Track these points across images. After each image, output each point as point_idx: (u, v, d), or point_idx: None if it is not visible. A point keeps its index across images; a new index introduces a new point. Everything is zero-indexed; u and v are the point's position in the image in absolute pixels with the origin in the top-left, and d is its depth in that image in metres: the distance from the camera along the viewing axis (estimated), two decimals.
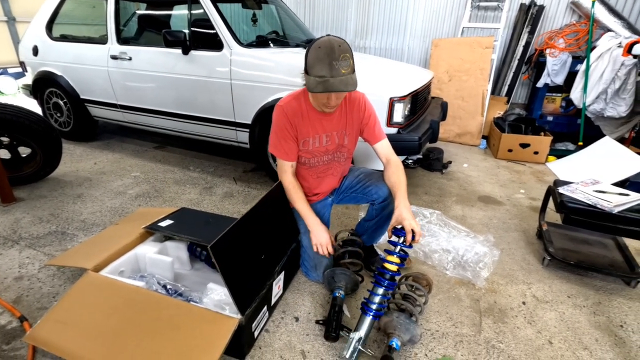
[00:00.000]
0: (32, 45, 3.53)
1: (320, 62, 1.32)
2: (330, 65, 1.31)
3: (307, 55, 1.38)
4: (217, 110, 2.76)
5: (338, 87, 1.33)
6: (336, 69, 1.32)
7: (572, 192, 1.86)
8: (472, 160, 3.58)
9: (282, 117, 1.55)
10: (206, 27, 2.65)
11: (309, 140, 1.60)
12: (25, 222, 2.17)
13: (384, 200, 1.63)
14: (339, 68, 1.32)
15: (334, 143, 1.64)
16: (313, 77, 1.35)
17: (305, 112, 1.56)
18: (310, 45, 1.38)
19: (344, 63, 1.33)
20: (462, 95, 4.01)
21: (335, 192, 1.83)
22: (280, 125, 1.56)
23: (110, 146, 3.63)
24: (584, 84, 3.58)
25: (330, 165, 1.71)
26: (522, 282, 1.82)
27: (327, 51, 1.32)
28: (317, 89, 1.35)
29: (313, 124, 1.58)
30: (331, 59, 1.31)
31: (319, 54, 1.33)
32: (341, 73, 1.33)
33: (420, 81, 2.66)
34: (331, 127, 1.61)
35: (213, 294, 1.40)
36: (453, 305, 1.65)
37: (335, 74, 1.32)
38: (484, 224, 2.36)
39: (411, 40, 4.79)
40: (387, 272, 1.39)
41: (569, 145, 3.79)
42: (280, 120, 1.55)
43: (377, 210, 1.67)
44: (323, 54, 1.32)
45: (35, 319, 1.45)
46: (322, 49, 1.33)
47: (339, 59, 1.32)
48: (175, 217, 1.85)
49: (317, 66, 1.34)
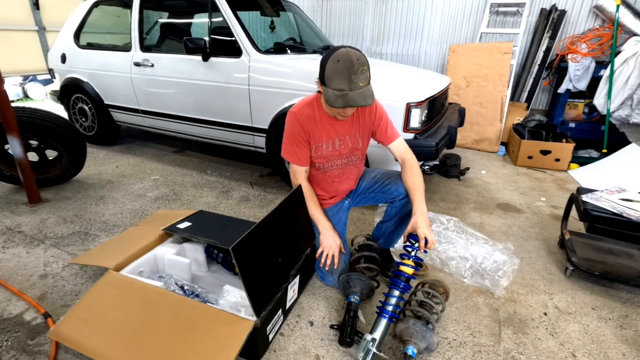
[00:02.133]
0: (61, 53, 3.68)
1: (339, 75, 1.33)
2: (350, 79, 1.32)
3: (325, 66, 1.38)
4: (235, 115, 2.81)
5: (358, 101, 1.33)
6: (355, 83, 1.32)
7: (597, 200, 1.81)
8: (490, 167, 3.51)
9: (296, 123, 1.56)
10: (226, 34, 2.71)
11: (322, 145, 1.61)
12: (51, 222, 2.25)
13: (404, 197, 1.63)
14: (357, 81, 1.32)
15: (347, 147, 1.65)
16: (332, 90, 1.36)
17: (318, 118, 1.57)
18: (327, 56, 1.37)
19: (362, 76, 1.33)
20: (480, 101, 3.96)
21: (352, 195, 1.83)
22: (294, 132, 1.57)
23: (131, 150, 3.73)
24: (609, 90, 3.48)
25: (345, 169, 1.71)
26: (543, 292, 1.76)
27: (347, 65, 1.31)
28: (337, 104, 1.35)
29: (326, 129, 1.59)
30: (350, 73, 1.31)
31: (337, 67, 1.33)
32: (359, 86, 1.33)
33: (438, 87, 2.64)
34: (344, 131, 1.62)
35: (229, 295, 1.41)
36: (471, 314, 1.61)
37: (354, 88, 1.33)
38: (503, 232, 2.31)
39: (428, 46, 4.77)
40: (402, 274, 1.41)
41: (592, 153, 3.68)
42: (294, 126, 1.56)
43: (397, 208, 1.67)
44: (342, 67, 1.32)
45: (58, 316, 1.50)
46: (340, 62, 1.32)
47: (357, 73, 1.32)
48: (193, 220, 1.88)
49: (336, 79, 1.34)
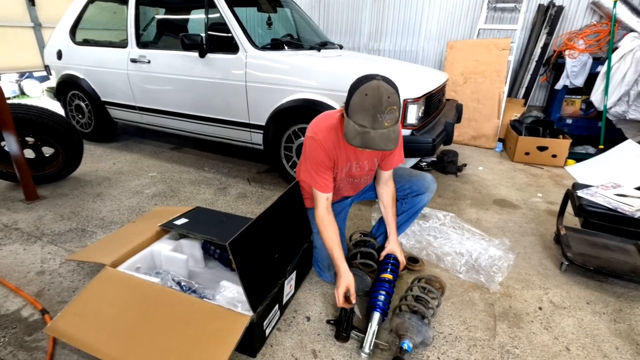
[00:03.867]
0: (57, 50, 3.66)
1: (364, 111, 1.22)
2: (374, 117, 1.21)
3: (351, 95, 1.26)
4: (232, 112, 2.81)
5: (378, 143, 1.23)
6: (379, 122, 1.21)
7: (592, 196, 1.82)
8: (487, 163, 3.52)
9: (320, 150, 1.46)
10: (222, 30, 2.70)
11: (342, 169, 1.56)
12: (48, 219, 2.25)
13: (418, 194, 1.68)
14: (382, 121, 1.21)
15: (363, 170, 1.62)
16: (353, 123, 1.25)
17: (342, 144, 1.48)
18: (357, 85, 1.26)
19: (389, 116, 1.22)
20: (477, 98, 3.96)
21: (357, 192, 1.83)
22: (318, 159, 1.47)
23: (128, 147, 3.73)
24: (605, 86, 3.48)
25: (355, 185, 1.71)
26: (538, 287, 1.78)
27: (374, 102, 1.20)
28: (354, 142, 1.25)
29: (347, 154, 1.52)
30: (376, 111, 1.20)
31: (364, 102, 1.22)
32: (384, 126, 1.22)
33: (435, 83, 2.64)
34: (364, 156, 1.57)
35: (226, 291, 1.41)
36: (466, 308, 1.62)
37: (378, 127, 1.22)
38: (499, 228, 2.32)
39: (426, 42, 4.76)
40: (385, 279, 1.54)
41: (589, 149, 3.69)
42: (319, 153, 1.46)
43: (408, 204, 1.70)
44: (369, 103, 1.21)
45: (55, 312, 1.50)
46: (369, 97, 1.21)
47: (384, 112, 1.21)
48: (190, 216, 1.88)
49: (360, 114, 1.23)
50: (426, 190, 1.69)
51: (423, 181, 1.70)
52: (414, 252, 1.99)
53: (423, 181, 1.70)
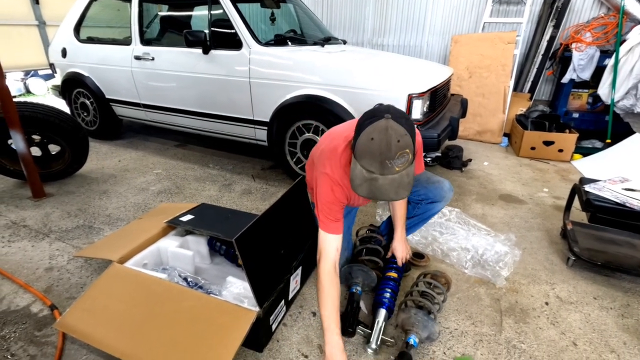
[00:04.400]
0: (61, 48, 3.68)
1: (371, 157, 1.05)
2: (383, 164, 1.04)
3: (358, 134, 1.09)
4: (236, 108, 2.81)
5: (387, 193, 1.07)
6: (389, 168, 1.04)
7: (599, 190, 1.80)
8: (492, 158, 3.50)
9: (338, 188, 1.31)
10: (226, 26, 2.69)
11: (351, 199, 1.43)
12: (55, 216, 2.27)
13: (433, 202, 1.64)
14: (392, 167, 1.04)
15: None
16: (360, 168, 1.08)
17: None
18: (363, 124, 1.08)
19: (400, 161, 1.04)
20: (482, 92, 3.93)
21: None
22: (334, 199, 1.31)
23: (133, 144, 3.74)
24: (613, 79, 3.44)
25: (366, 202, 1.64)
26: (545, 283, 1.77)
27: (382, 148, 1.03)
28: (360, 190, 1.09)
29: None
30: (385, 158, 1.03)
31: (371, 147, 1.04)
32: (394, 171, 1.05)
33: (440, 77, 2.62)
34: None
35: (232, 287, 1.42)
36: (472, 304, 1.62)
37: (387, 172, 1.05)
38: (505, 223, 2.31)
39: (430, 37, 4.72)
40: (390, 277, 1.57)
41: (596, 143, 3.65)
42: (336, 191, 1.31)
43: (421, 209, 1.67)
44: (376, 149, 1.03)
45: (64, 308, 1.52)
46: (375, 141, 1.03)
47: (394, 157, 1.03)
48: (195, 212, 1.89)
49: (367, 159, 1.06)
50: (442, 199, 1.63)
51: (440, 190, 1.63)
52: (420, 247, 1.99)
53: (440, 190, 1.63)
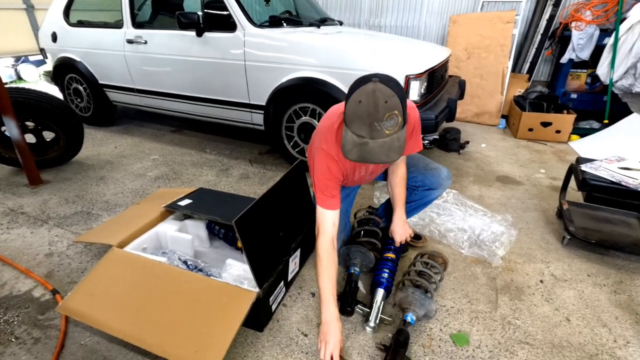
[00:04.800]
0: (51, 32, 3.59)
1: (360, 120, 1.05)
2: (372, 126, 1.04)
3: (347, 101, 1.10)
4: (232, 92, 2.77)
5: (378, 156, 1.07)
6: (378, 131, 1.05)
7: (596, 170, 1.81)
8: (490, 140, 3.50)
9: (332, 163, 1.32)
10: (220, 8, 2.63)
11: (355, 174, 1.45)
12: (53, 203, 2.27)
13: (429, 188, 1.63)
14: (381, 130, 1.05)
15: (367, 172, 1.51)
16: (350, 134, 1.08)
17: None
18: (352, 90, 1.08)
19: (389, 123, 1.04)
20: (481, 74, 3.89)
21: None
22: (330, 174, 1.32)
23: (129, 130, 3.71)
24: (612, 59, 3.40)
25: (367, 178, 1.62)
26: (540, 261, 1.80)
27: (369, 110, 1.03)
28: (351, 155, 1.09)
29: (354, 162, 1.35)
30: (373, 120, 1.04)
31: (359, 111, 1.05)
32: (384, 134, 1.05)
33: (437, 58, 2.59)
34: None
35: (232, 269, 1.44)
36: (469, 282, 1.65)
37: (377, 136, 1.05)
38: (502, 204, 2.32)
39: (428, 17, 4.64)
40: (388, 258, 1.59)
41: (594, 124, 3.65)
42: (331, 166, 1.32)
43: (418, 195, 1.67)
44: (364, 112, 1.04)
45: (66, 292, 1.53)
46: (362, 104, 1.04)
47: (382, 119, 1.04)
48: (193, 197, 1.89)
49: (356, 124, 1.06)
50: (439, 186, 1.63)
51: (438, 177, 1.62)
52: (417, 228, 2.00)
53: (438, 177, 1.62)
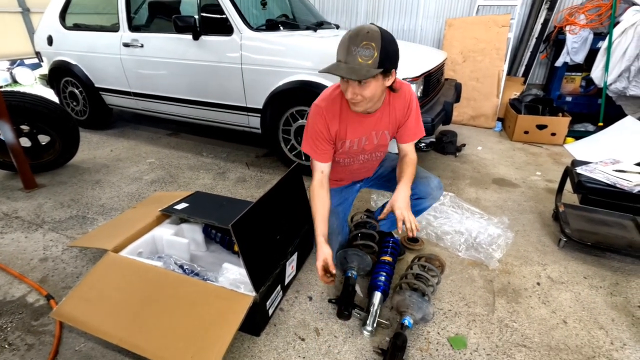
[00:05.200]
0: (47, 35, 3.58)
1: (342, 45, 1.20)
2: (348, 49, 1.17)
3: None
4: (229, 95, 2.77)
5: (341, 72, 1.19)
6: (352, 55, 1.17)
7: (591, 172, 1.82)
8: (486, 143, 3.51)
9: (320, 118, 1.43)
10: (216, 11, 2.63)
11: (346, 142, 1.50)
12: (48, 207, 2.25)
13: (419, 197, 1.59)
14: (356, 55, 1.16)
15: (372, 143, 1.54)
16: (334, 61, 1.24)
17: (344, 114, 1.44)
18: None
19: (364, 52, 1.15)
20: (476, 77, 3.92)
21: (365, 180, 1.79)
22: (316, 128, 1.45)
23: (125, 134, 3.69)
24: (606, 62, 3.44)
25: (367, 164, 1.66)
26: (536, 264, 1.80)
27: (352, 34, 1.18)
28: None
29: (353, 127, 1.46)
30: (350, 43, 1.17)
31: (345, 36, 1.21)
32: (357, 62, 1.17)
33: (433, 62, 2.60)
34: (370, 127, 1.49)
35: (228, 273, 1.43)
36: (466, 285, 1.65)
37: (350, 60, 1.18)
38: (498, 206, 2.33)
39: (424, 20, 4.66)
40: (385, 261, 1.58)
41: (589, 126, 3.67)
42: (317, 121, 1.44)
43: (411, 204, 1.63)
44: (347, 36, 1.19)
45: (60, 297, 1.52)
46: (349, 32, 1.20)
47: (359, 45, 1.16)
48: (190, 201, 1.88)
49: (339, 50, 1.22)
50: (427, 195, 1.59)
51: (426, 187, 1.58)
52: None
53: (426, 187, 1.58)
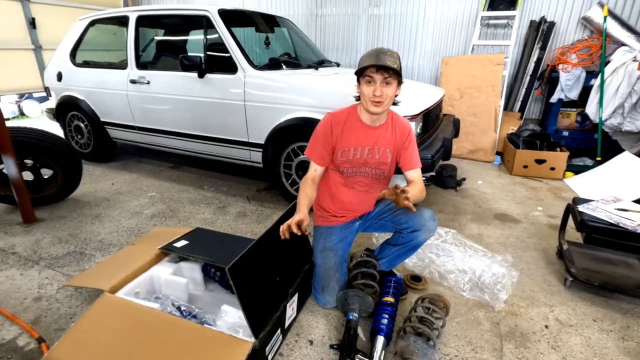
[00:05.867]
0: (57, 72, 3.70)
1: (369, 55, 1.46)
2: (378, 56, 1.43)
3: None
4: (232, 130, 2.82)
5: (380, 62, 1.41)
6: (382, 59, 1.42)
7: (593, 211, 1.81)
8: (486, 177, 3.53)
9: (327, 124, 1.63)
10: (221, 50, 2.74)
11: (349, 150, 1.63)
12: (45, 243, 2.22)
13: (413, 230, 1.58)
14: (385, 59, 1.41)
15: (373, 157, 1.64)
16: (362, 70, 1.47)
17: (351, 123, 1.62)
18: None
19: (390, 58, 1.42)
20: (474, 112, 4.00)
21: (365, 218, 1.79)
22: (321, 131, 1.64)
23: (127, 166, 3.72)
24: (600, 99, 3.53)
25: (369, 182, 1.69)
26: (543, 305, 1.75)
27: (376, 48, 1.48)
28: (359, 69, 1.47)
29: (356, 135, 1.62)
30: (378, 53, 1.44)
31: (368, 52, 1.49)
32: (386, 63, 1.41)
33: (432, 99, 2.67)
34: (374, 141, 1.63)
35: (227, 316, 1.39)
36: (472, 328, 1.59)
37: (381, 62, 1.42)
38: (501, 243, 2.30)
39: (421, 59, 4.84)
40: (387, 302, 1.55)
41: (587, 161, 3.71)
42: (324, 126, 1.64)
43: (404, 238, 1.62)
44: (372, 50, 1.48)
45: (52, 340, 1.46)
46: (371, 49, 1.51)
47: (386, 54, 1.43)
48: (190, 238, 1.86)
49: (365, 59, 1.47)
50: (421, 227, 1.57)
51: (419, 218, 1.56)
52: (417, 270, 1.97)
53: (419, 218, 1.56)
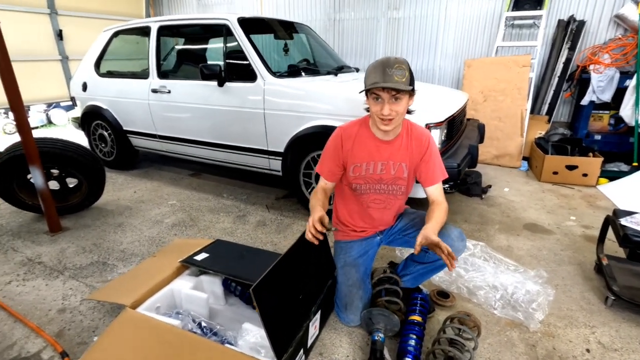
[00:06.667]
0: (82, 82, 3.80)
1: (374, 70, 1.34)
2: (384, 71, 1.31)
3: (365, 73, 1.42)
4: (251, 139, 2.80)
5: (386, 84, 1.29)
6: (389, 75, 1.30)
7: (637, 225, 1.68)
8: (513, 184, 3.39)
9: (336, 137, 1.56)
10: (240, 58, 2.73)
11: (361, 165, 1.53)
12: (70, 252, 2.25)
13: None
14: (392, 75, 1.30)
15: (389, 173, 1.54)
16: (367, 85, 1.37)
17: (361, 136, 1.53)
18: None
19: (398, 72, 1.30)
20: (499, 116, 3.86)
21: (386, 232, 1.71)
22: (331, 145, 1.57)
23: (149, 174, 3.77)
24: (636, 100, 3.33)
25: (384, 198, 1.59)
26: (583, 325, 1.63)
27: (382, 60, 1.34)
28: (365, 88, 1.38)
29: (369, 150, 1.52)
30: (384, 67, 1.31)
31: (374, 64, 1.36)
32: (393, 80, 1.30)
33: (456, 105, 2.57)
34: (387, 155, 1.52)
35: (248, 335, 1.35)
36: (506, 351, 1.50)
37: (388, 80, 1.30)
38: (533, 256, 2.18)
39: (442, 60, 4.72)
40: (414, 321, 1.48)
41: (622, 166, 3.51)
42: (333, 140, 1.57)
43: (430, 257, 1.54)
44: (378, 62, 1.35)
45: (75, 354, 1.46)
46: (377, 60, 1.36)
47: (392, 67, 1.30)
48: (210, 250, 1.84)
49: (371, 75, 1.35)
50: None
51: (446, 238, 1.41)
52: (444, 285, 1.88)
53: (446, 238, 1.41)
